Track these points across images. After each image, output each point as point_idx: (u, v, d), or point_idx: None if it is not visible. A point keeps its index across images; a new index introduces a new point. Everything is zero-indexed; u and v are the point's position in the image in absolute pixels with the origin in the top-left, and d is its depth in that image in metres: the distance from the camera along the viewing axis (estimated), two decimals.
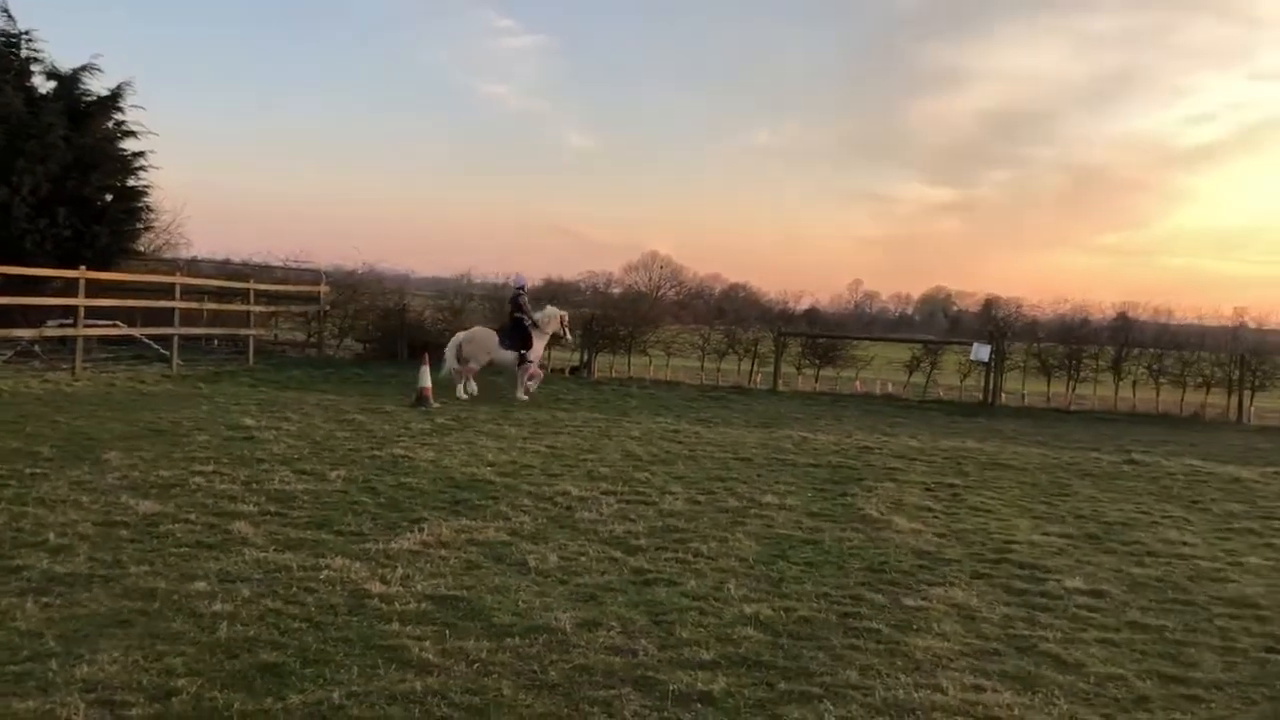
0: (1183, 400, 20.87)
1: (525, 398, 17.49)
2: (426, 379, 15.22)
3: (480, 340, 17.82)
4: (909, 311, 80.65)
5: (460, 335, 18.02)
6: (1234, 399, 20.50)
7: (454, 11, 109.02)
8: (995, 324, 24.83)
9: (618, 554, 6.89)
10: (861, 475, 10.72)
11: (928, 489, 10.12)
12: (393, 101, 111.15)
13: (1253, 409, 20.48)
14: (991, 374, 21.11)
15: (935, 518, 8.76)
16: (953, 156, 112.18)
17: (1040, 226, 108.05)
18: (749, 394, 21.10)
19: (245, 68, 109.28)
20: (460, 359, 17.31)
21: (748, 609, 5.74)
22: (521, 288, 19.16)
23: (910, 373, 22.94)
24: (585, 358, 23.12)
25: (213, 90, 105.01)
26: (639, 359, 23.57)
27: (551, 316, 19.05)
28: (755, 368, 23.14)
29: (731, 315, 28.61)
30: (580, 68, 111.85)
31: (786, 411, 17.68)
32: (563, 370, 22.90)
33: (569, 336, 20.56)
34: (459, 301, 24.42)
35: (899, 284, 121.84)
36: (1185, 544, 8.20)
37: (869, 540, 7.74)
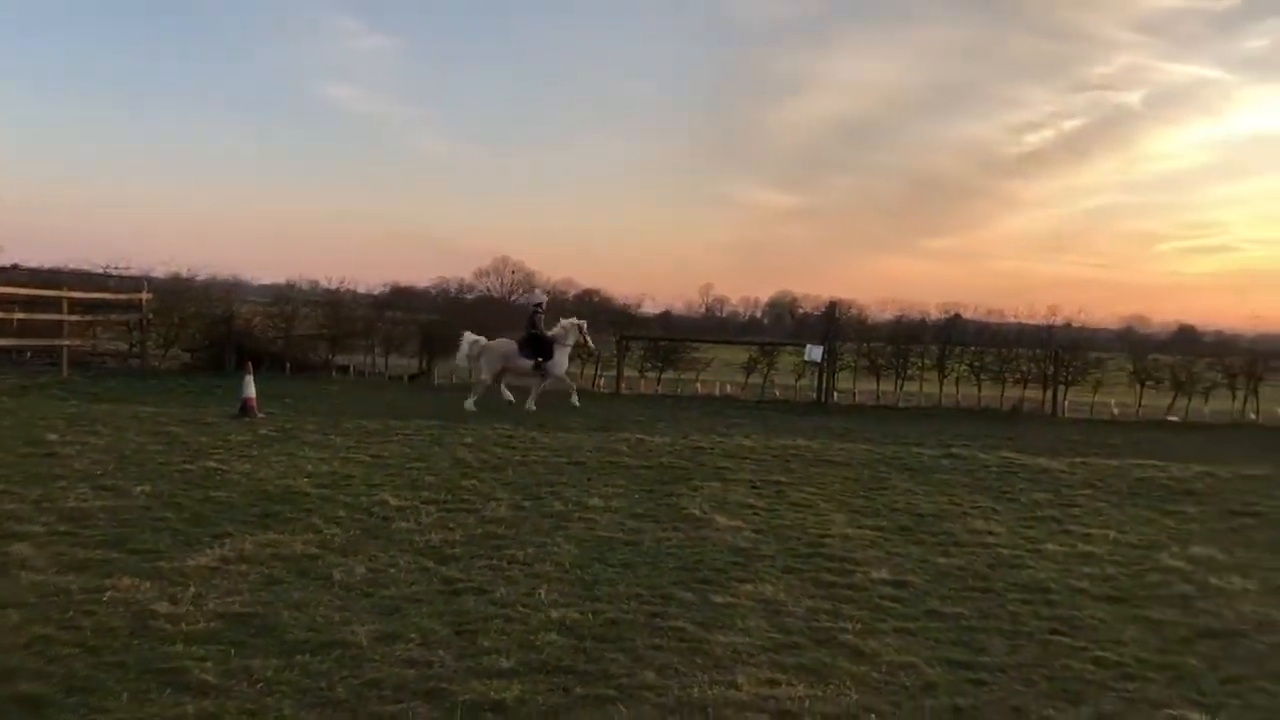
0: (1002, 395, 21.89)
1: (533, 407, 17.54)
2: (250, 389, 14.66)
3: (495, 350, 18.23)
4: (758, 314, 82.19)
5: (477, 345, 18.26)
6: (1049, 393, 21.62)
7: (293, 10, 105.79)
8: (828, 326, 25.51)
9: (430, 564, 6.74)
10: (691, 475, 10.81)
11: (753, 487, 10.28)
12: (229, 104, 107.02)
13: (1066, 402, 21.65)
14: (824, 374, 21.70)
15: (756, 515, 8.89)
16: (799, 163, 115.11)
17: (880, 231, 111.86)
18: (591, 398, 21.07)
19: (71, 68, 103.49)
20: (472, 364, 18.18)
21: (555, 614, 5.69)
22: (539, 305, 19.54)
23: (748, 374, 23.38)
24: (423, 364, 22.72)
25: (37, 90, 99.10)
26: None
27: (570, 328, 19.18)
28: (599, 371, 23.18)
29: (589, 320, 28.59)
30: (428, 69, 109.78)
31: (627, 414, 17.72)
32: (401, 377, 22.46)
33: (591, 344, 20.50)
34: (290, 308, 23.64)
35: (749, 288, 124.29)
36: (990, 533, 8.53)
37: (688, 540, 7.80)
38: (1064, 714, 4.58)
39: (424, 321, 23.99)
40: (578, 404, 18.26)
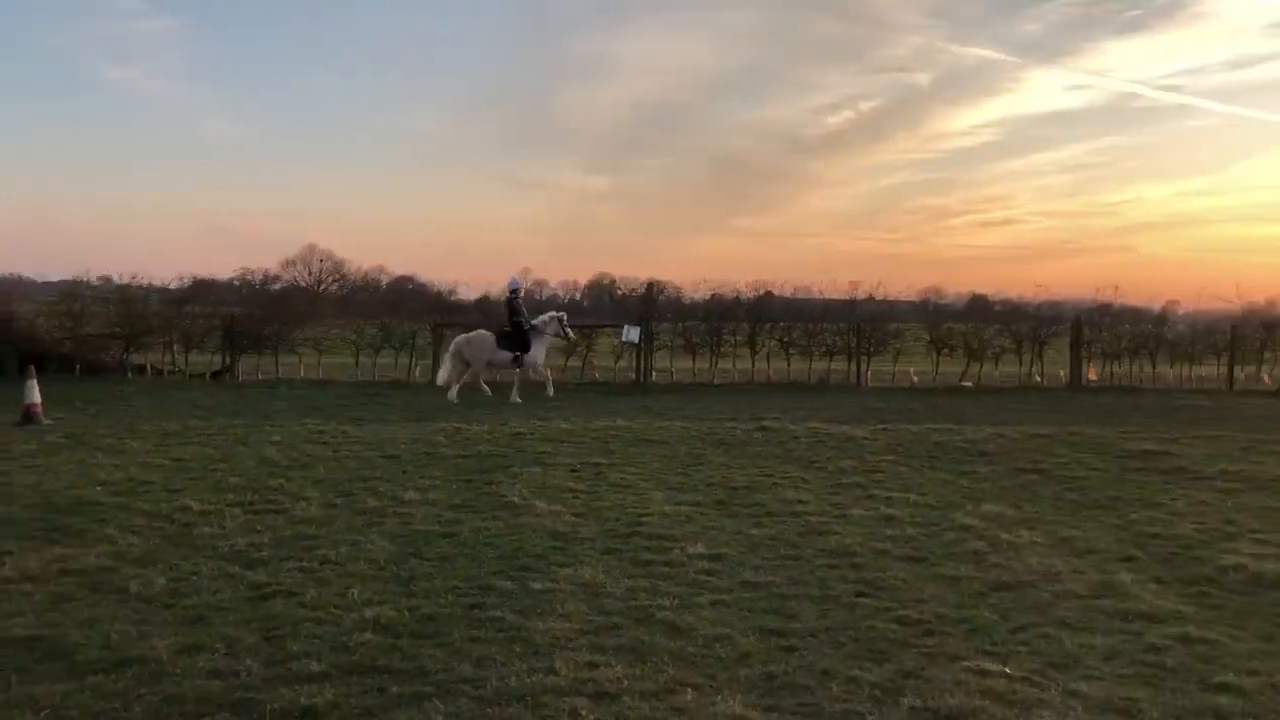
0: (810, 368, 22.71)
1: (519, 400, 17.62)
2: (34, 394, 13.69)
3: (478, 343, 18.47)
4: (578, 297, 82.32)
5: (460, 338, 18.71)
6: (853, 365, 22.55)
7: None
8: (645, 306, 25.82)
9: (236, 569, 6.46)
10: (510, 462, 10.74)
11: (573, 470, 10.30)
12: (3, 90, 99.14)
13: (869, 373, 22.64)
14: (642, 354, 21.96)
15: (576, 498, 8.91)
16: (609, 145, 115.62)
17: (692, 211, 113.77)
18: (408, 389, 20.68)
19: None
20: (462, 362, 18.15)
21: (369, 613, 5.54)
22: (515, 290, 19.54)
23: (567, 356, 23.42)
24: (226, 360, 21.76)
25: None
26: (289, 358, 22.52)
27: (550, 319, 19.32)
28: (414, 361, 22.75)
29: (403, 310, 28.03)
30: (219, 50, 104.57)
31: (444, 403, 17.45)
32: (203, 375, 21.45)
33: (570, 336, 20.53)
34: (78, 306, 22.21)
35: (568, 270, 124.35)
36: (800, 502, 8.82)
37: (507, 528, 7.74)
38: (870, 673, 4.77)
39: (226, 315, 22.98)
40: (551, 394, 18.53)
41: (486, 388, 18.65)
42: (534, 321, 18.86)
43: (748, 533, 7.67)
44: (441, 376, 18.53)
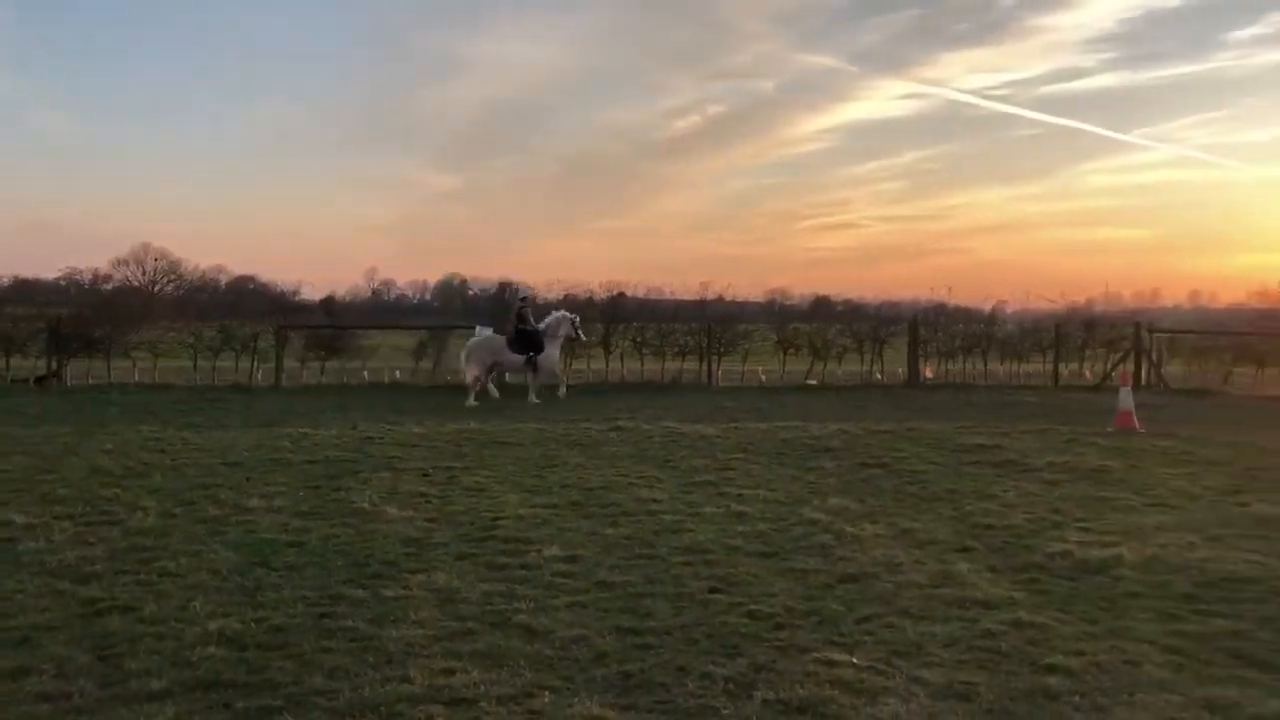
0: (663, 368, 22.95)
1: (537, 400, 17.92)
2: None
3: (486, 345, 18.73)
4: (427, 297, 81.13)
5: (470, 342, 19.03)
6: (704, 365, 22.91)
7: None
8: (499, 306, 25.64)
9: (66, 585, 6.13)
10: (359, 468, 10.51)
11: (425, 474, 10.14)
12: None
13: (719, 372, 23.05)
14: None
15: (429, 503, 8.78)
16: (460, 143, 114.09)
17: (545, 212, 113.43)
18: (250, 392, 20.00)
19: None
20: (477, 366, 18.31)
21: (213, 626, 5.34)
22: (524, 299, 20.15)
23: (418, 359, 23.06)
24: (53, 364, 20.60)
25: None
26: (122, 362, 21.47)
27: (561, 321, 19.15)
28: (256, 364, 22.01)
29: (244, 311, 27.05)
30: (47, 40, 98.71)
31: (290, 408, 16.93)
32: (26, 380, 20.25)
33: (583, 338, 20.26)
34: None
35: (417, 270, 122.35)
36: (655, 501, 8.92)
37: (358, 535, 7.57)
38: (723, 668, 4.87)
39: (52, 317, 21.75)
40: (564, 396, 18.66)
41: (494, 390, 18.77)
42: (544, 324, 19.06)
43: (603, 533, 7.71)
44: (469, 379, 18.73)
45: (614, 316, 24.23)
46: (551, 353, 19.01)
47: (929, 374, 23.91)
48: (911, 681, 4.71)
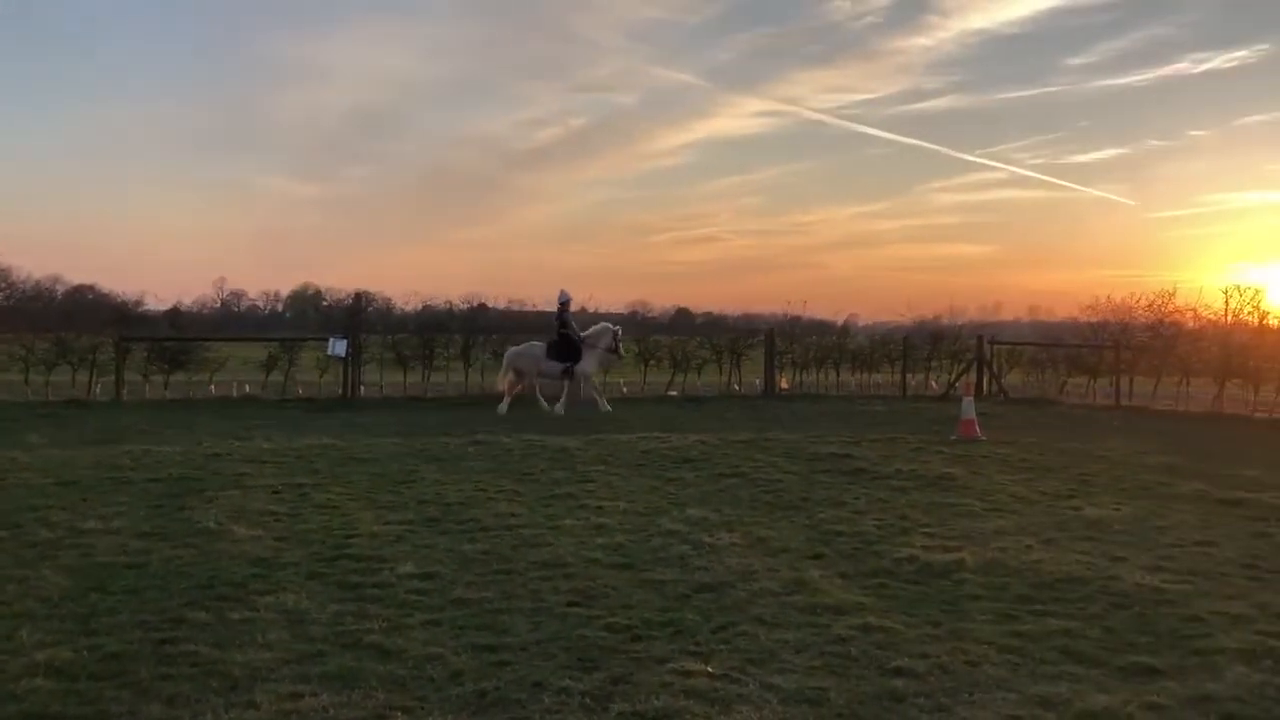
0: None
1: (561, 412, 17.63)
2: None
3: (526, 354, 18.51)
4: (279, 308, 78.64)
5: (510, 350, 18.93)
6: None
7: None
8: (353, 318, 25.09)
9: None
10: (205, 485, 10.10)
11: (275, 492, 9.82)
12: None
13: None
14: (349, 368, 21.31)
15: (278, 521, 8.51)
16: (317, 151, 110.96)
17: (404, 221, 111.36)
18: (88, 407, 19.02)
19: None
20: (516, 373, 18.16)
21: (41, 656, 5.04)
22: (565, 303, 19.00)
23: (268, 372, 22.35)
24: None
25: None
26: None
27: (603, 332, 18.44)
28: (95, 378, 20.96)
29: (82, 322, 25.66)
30: None
31: (131, 424, 16.17)
32: None
33: (621, 354, 19.46)
34: None
35: (269, 280, 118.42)
36: (514, 515, 8.85)
37: (202, 555, 7.27)
38: (581, 682, 4.86)
39: None
40: (561, 413, 17.93)
41: (544, 403, 18.36)
42: (585, 333, 18.58)
43: (461, 549, 7.61)
44: (502, 385, 18.78)
45: (474, 328, 23.95)
46: (588, 364, 18.58)
47: (785, 385, 24.46)
48: (764, 689, 4.80)
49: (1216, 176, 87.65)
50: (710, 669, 5.03)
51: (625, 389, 23.38)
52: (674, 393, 23.39)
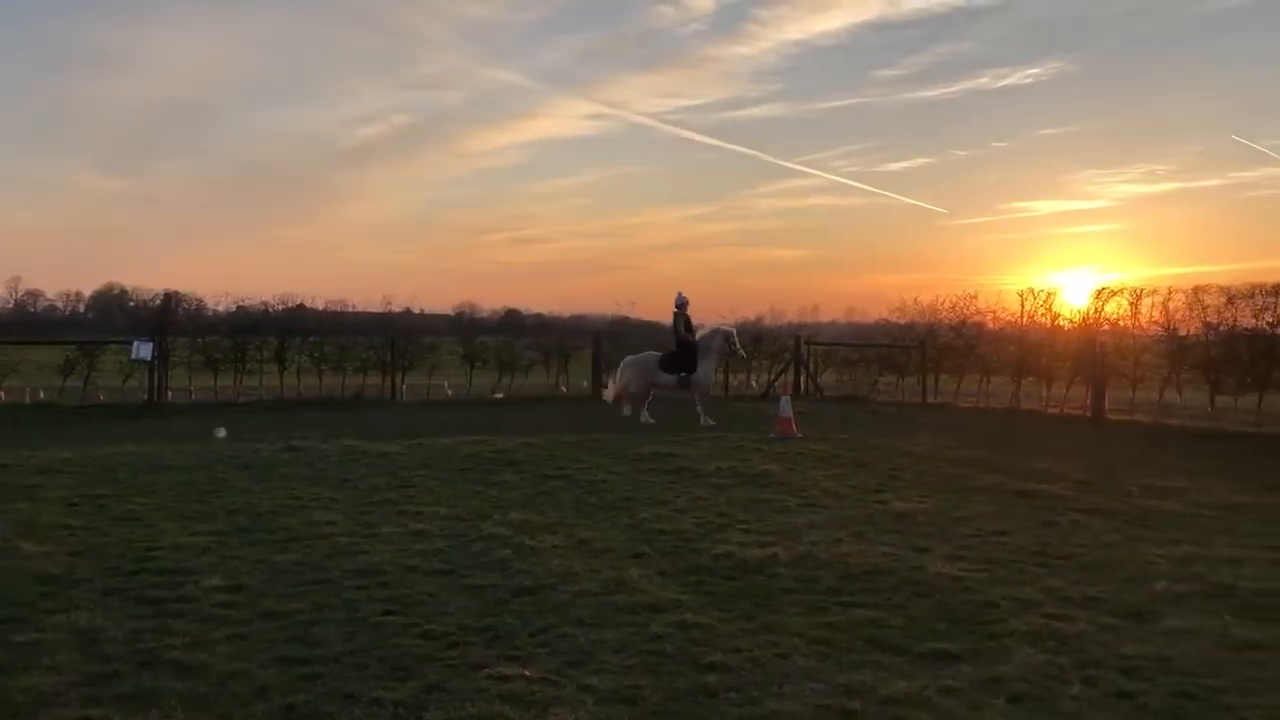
0: (344, 384, 22.25)
1: (712, 422, 16.39)
2: None
3: (639, 365, 17.47)
4: (81, 309, 73.98)
5: (626, 359, 17.91)
6: (388, 379, 22.44)
7: None
8: (161, 320, 23.85)
9: None
10: None
11: (70, 504, 9.24)
12: None
13: (404, 387, 22.65)
14: (155, 372, 20.28)
15: (73, 535, 8.01)
16: (125, 144, 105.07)
17: (219, 218, 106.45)
18: None
19: None
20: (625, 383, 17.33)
21: None
22: (681, 306, 17.59)
23: (65, 377, 21.04)
24: None
25: None
26: None
27: (714, 335, 17.02)
28: None
29: None
30: None
31: None
32: None
33: (741, 353, 17.94)
34: None
35: (70, 280, 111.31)
36: (329, 523, 8.59)
37: None
38: (394, 691, 4.75)
39: None
40: (711, 423, 16.51)
41: (647, 415, 17.19)
42: (699, 338, 17.30)
43: (271, 559, 7.33)
44: (610, 393, 18.18)
45: (290, 329, 23.14)
46: (705, 371, 17.41)
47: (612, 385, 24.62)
48: (581, 690, 4.81)
49: (1016, 186, 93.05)
50: (528, 672, 5.01)
51: (450, 391, 23.08)
52: (500, 395, 23.24)
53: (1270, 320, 18.13)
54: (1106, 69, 78.35)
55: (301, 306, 26.59)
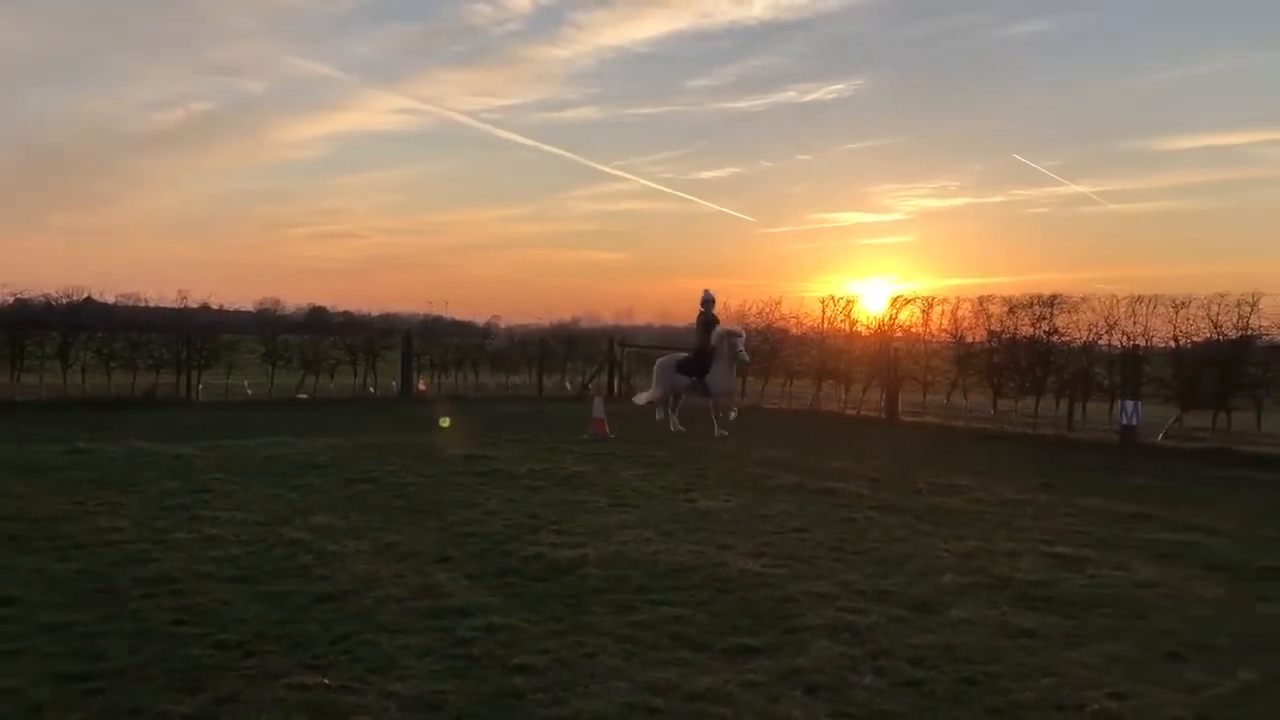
0: (134, 383, 21.02)
1: (724, 433, 15.69)
2: None
3: (661, 367, 16.88)
4: None
5: (659, 360, 17.32)
6: (183, 378, 21.35)
7: None
8: None
9: None
10: None
11: None
12: None
13: (200, 386, 21.60)
14: None
15: None
16: None
17: None
18: None
19: None
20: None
21: None
22: (707, 304, 16.92)
23: None
24: None
25: None
26: None
27: (721, 337, 16.10)
28: None
29: None
30: None
31: None
32: None
33: (744, 356, 16.57)
34: None
35: None
36: (116, 530, 8.11)
37: None
38: (183, 704, 4.53)
39: None
40: (725, 434, 15.79)
41: (674, 420, 16.37)
42: (708, 339, 16.19)
43: (50, 569, 6.87)
44: (642, 398, 17.46)
45: (75, 324, 21.64)
46: (718, 375, 16.15)
47: (423, 387, 24.22)
48: (384, 696, 4.71)
49: (820, 197, 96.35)
50: (328, 680, 4.87)
51: (250, 391, 22.18)
52: (304, 395, 22.48)
53: (1046, 329, 19.47)
54: (904, 88, 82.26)
55: (89, 300, 24.96)
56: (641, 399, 17.65)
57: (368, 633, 5.67)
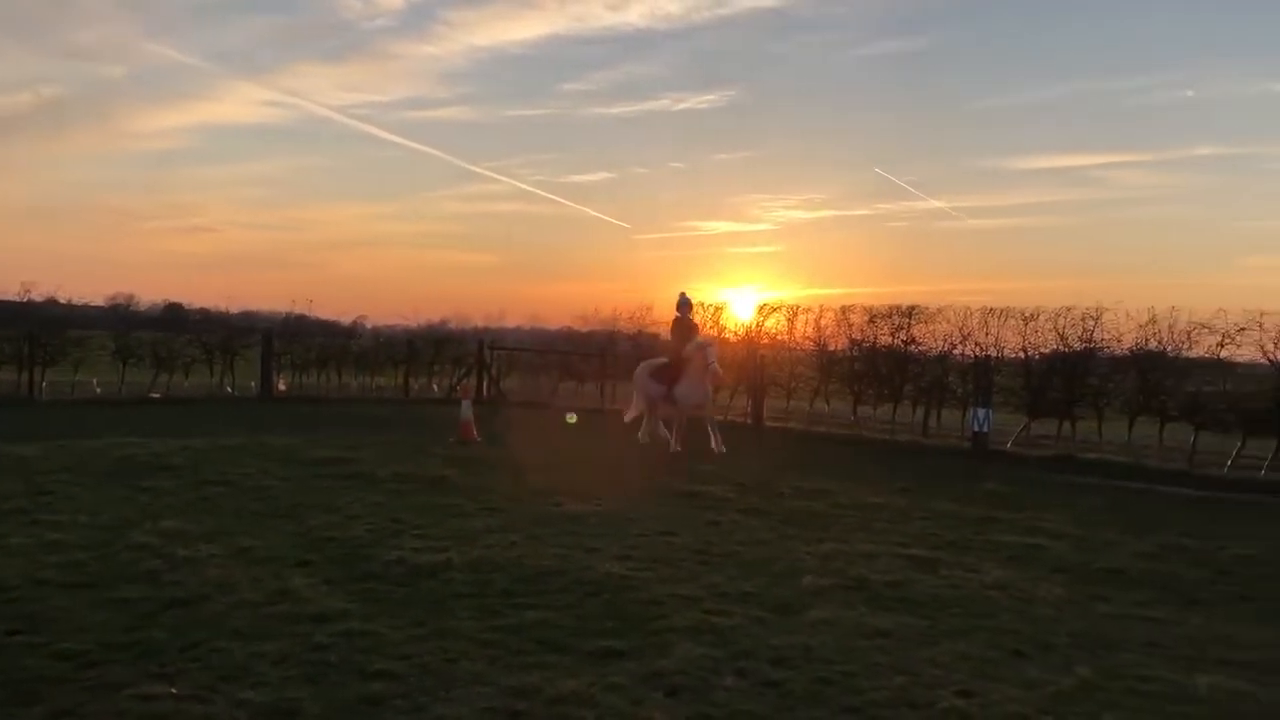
0: None
1: (722, 449, 14.78)
2: None
3: (638, 374, 16.20)
4: None
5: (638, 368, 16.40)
6: (25, 375, 20.26)
7: None
8: None
9: None
10: None
11: None
12: None
13: (44, 384, 20.54)
14: None
15: None
16: None
17: None
18: None
19: None
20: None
21: None
22: (680, 309, 16.09)
23: None
24: None
25: None
26: None
27: (696, 348, 15.16)
28: None
29: None
30: None
31: None
32: None
33: (715, 368, 15.00)
34: None
35: None
36: None
37: None
38: (17, 719, 4.29)
39: None
40: (721, 449, 14.85)
41: (664, 431, 15.35)
42: (685, 349, 15.08)
43: None
44: (629, 415, 16.52)
45: None
46: (688, 387, 15.00)
47: (283, 387, 23.55)
48: (235, 705, 4.55)
49: (691, 206, 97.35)
50: (175, 690, 4.67)
51: (99, 389, 21.19)
52: (156, 394, 21.59)
53: (905, 339, 20.13)
54: (774, 101, 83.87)
55: None
56: (629, 416, 16.64)
57: (219, 640, 5.46)
